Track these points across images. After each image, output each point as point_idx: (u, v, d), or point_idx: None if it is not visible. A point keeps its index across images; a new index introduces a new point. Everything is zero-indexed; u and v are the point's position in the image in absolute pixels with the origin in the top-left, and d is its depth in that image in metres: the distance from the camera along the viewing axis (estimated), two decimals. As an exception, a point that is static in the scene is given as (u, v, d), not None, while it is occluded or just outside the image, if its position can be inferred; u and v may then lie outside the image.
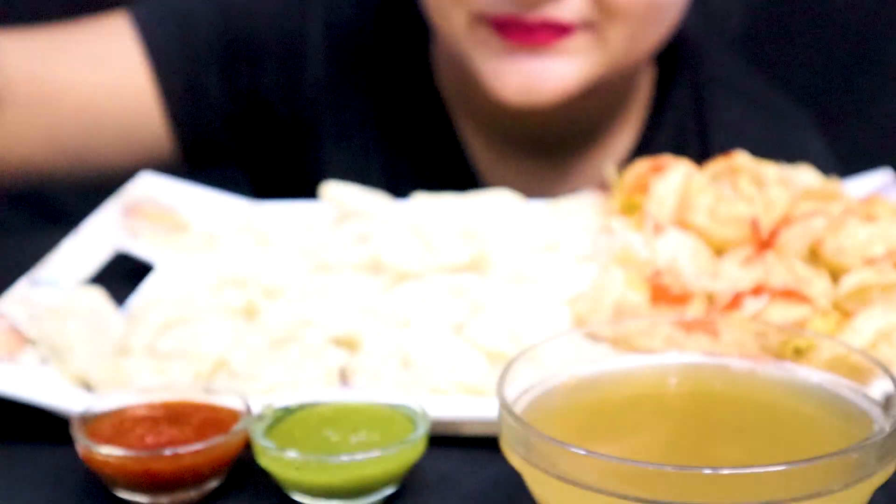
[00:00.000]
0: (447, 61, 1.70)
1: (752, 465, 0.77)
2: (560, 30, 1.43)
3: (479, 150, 1.72)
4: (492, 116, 1.68)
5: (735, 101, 1.72)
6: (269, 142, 1.71)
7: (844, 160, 1.73)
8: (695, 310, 1.12)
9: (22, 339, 1.16)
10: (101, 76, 1.59)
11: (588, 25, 1.45)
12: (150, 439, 0.95)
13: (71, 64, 1.58)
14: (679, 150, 1.61)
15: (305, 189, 1.54)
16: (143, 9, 1.62)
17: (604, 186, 1.50)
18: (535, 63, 1.45)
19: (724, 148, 1.52)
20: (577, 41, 1.45)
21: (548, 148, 1.70)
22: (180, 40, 1.61)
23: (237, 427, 0.95)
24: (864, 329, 1.04)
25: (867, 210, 1.19)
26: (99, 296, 1.21)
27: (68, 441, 0.98)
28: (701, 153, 1.66)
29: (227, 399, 1.00)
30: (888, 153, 1.89)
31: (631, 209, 1.35)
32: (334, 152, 1.70)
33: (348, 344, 1.14)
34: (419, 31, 1.69)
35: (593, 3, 1.43)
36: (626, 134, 1.72)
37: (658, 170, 1.35)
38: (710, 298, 1.18)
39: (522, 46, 1.45)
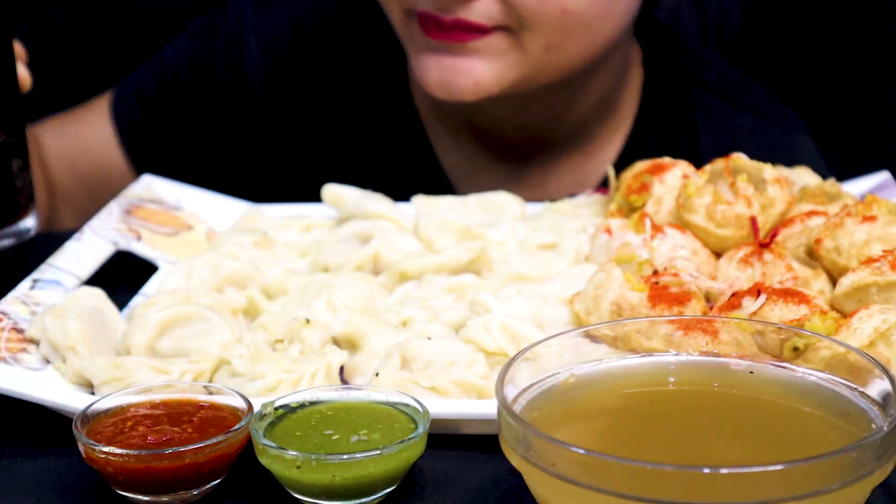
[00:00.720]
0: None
1: (751, 465, 0.77)
2: (473, 30, 1.47)
3: (455, 162, 1.74)
4: (471, 125, 1.70)
5: (724, 103, 1.73)
6: (240, 171, 1.81)
7: (842, 161, 1.73)
8: (693, 309, 1.13)
9: (24, 339, 1.16)
10: (95, 162, 1.83)
11: (503, 29, 1.48)
12: (151, 438, 0.95)
13: (74, 160, 1.82)
14: (669, 153, 1.62)
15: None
16: (116, 94, 1.83)
17: (591, 192, 1.51)
18: (453, 61, 1.50)
19: (714, 150, 1.53)
20: (492, 43, 1.48)
21: (530, 156, 1.71)
22: (140, 120, 1.80)
23: (238, 426, 0.96)
24: (862, 328, 1.04)
25: (865, 210, 1.19)
26: (100, 296, 1.22)
27: (70, 440, 0.98)
28: (691, 156, 1.67)
29: (227, 398, 1.00)
30: (886, 154, 1.89)
31: (629, 209, 1.35)
32: (304, 171, 1.75)
33: (348, 344, 1.14)
34: (395, 49, 1.72)
35: (505, 10, 1.45)
36: (615, 140, 1.72)
37: (656, 170, 1.35)
38: (709, 298, 1.18)
39: (441, 43, 1.49)
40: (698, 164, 1.37)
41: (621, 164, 1.57)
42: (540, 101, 1.61)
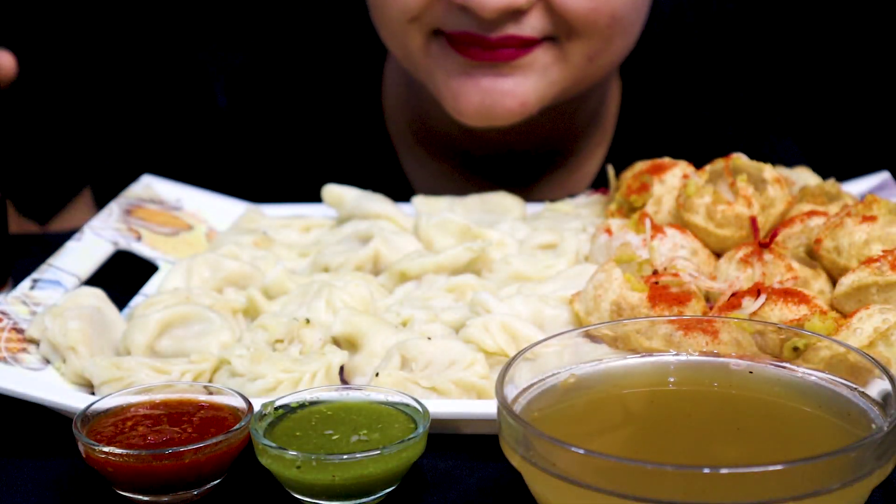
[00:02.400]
0: (397, 101, 1.69)
1: (751, 465, 0.77)
2: (522, 46, 1.41)
3: (428, 184, 1.70)
4: (450, 146, 1.66)
5: (703, 106, 1.71)
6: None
7: (842, 161, 1.73)
8: (693, 309, 1.13)
9: (24, 339, 1.16)
10: None
11: (549, 40, 1.43)
12: (151, 438, 0.95)
13: None
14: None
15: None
16: None
17: (591, 192, 1.50)
18: (496, 81, 1.43)
19: (696, 154, 1.52)
20: (537, 57, 1.43)
21: (511, 175, 1.68)
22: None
23: (238, 426, 0.96)
24: (862, 328, 1.04)
25: (865, 210, 1.19)
26: (100, 296, 1.22)
27: (70, 440, 0.98)
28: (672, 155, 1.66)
29: (227, 398, 1.00)
30: (886, 154, 1.90)
31: (629, 209, 1.35)
32: (300, 175, 1.74)
33: (348, 344, 1.14)
34: (368, 79, 1.70)
35: (554, 20, 1.40)
36: (598, 153, 1.70)
37: (656, 170, 1.35)
38: (709, 298, 1.18)
39: (482, 63, 1.42)
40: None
41: (602, 179, 1.57)
42: (541, 119, 1.56)
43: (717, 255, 1.27)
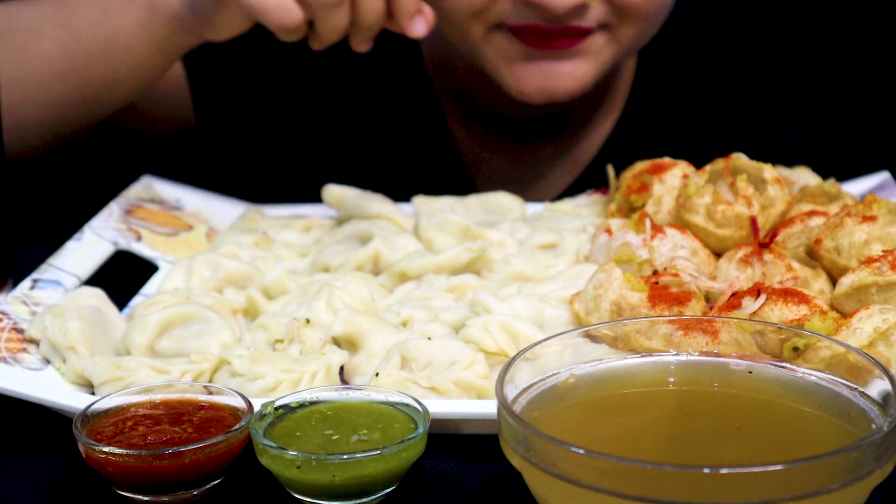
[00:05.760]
0: (439, 64, 1.76)
1: (751, 465, 0.77)
2: (579, 35, 1.51)
3: (466, 140, 1.78)
4: (483, 108, 1.74)
5: (711, 84, 1.79)
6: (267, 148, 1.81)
7: (842, 161, 1.73)
8: (693, 309, 1.13)
9: (24, 339, 1.16)
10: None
11: (603, 27, 1.53)
12: (151, 438, 0.95)
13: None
14: (656, 134, 1.73)
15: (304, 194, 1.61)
16: None
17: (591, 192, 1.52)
18: (555, 65, 1.53)
19: (701, 130, 1.62)
20: (593, 42, 1.53)
21: (532, 134, 1.77)
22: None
23: (238, 426, 0.96)
24: (862, 328, 1.04)
25: (865, 210, 1.19)
26: (100, 296, 1.22)
27: (70, 440, 0.98)
28: (678, 136, 1.75)
29: (227, 398, 1.00)
30: (886, 154, 1.89)
31: (629, 209, 1.35)
32: (309, 167, 1.76)
33: (348, 344, 1.15)
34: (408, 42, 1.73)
35: (610, 9, 1.50)
36: (608, 119, 1.78)
37: (656, 170, 1.35)
38: (709, 298, 1.18)
39: (542, 50, 1.52)
40: (686, 153, 1.41)
41: (609, 147, 1.67)
42: None
43: (717, 255, 1.27)
